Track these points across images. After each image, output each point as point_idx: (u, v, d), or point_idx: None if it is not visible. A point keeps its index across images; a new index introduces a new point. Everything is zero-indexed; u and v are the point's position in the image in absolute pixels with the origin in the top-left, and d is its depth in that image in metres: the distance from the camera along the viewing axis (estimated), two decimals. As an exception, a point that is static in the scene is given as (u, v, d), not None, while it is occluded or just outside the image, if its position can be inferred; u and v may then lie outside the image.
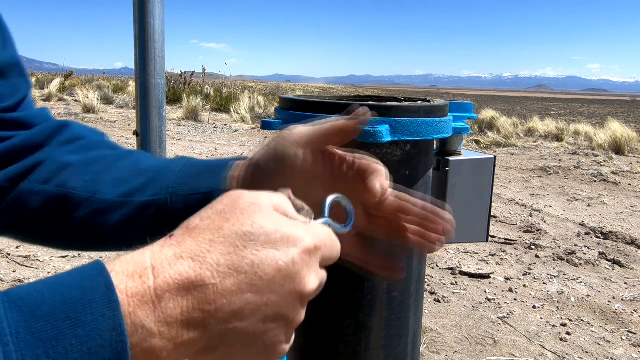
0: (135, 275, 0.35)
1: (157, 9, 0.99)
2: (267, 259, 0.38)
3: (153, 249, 0.38)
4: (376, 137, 0.69)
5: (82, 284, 0.34)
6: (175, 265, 0.36)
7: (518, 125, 10.82)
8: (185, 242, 0.38)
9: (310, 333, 0.84)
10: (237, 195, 0.41)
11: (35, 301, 0.33)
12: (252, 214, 0.39)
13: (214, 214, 0.40)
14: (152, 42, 1.00)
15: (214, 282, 0.36)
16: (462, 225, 0.97)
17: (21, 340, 0.31)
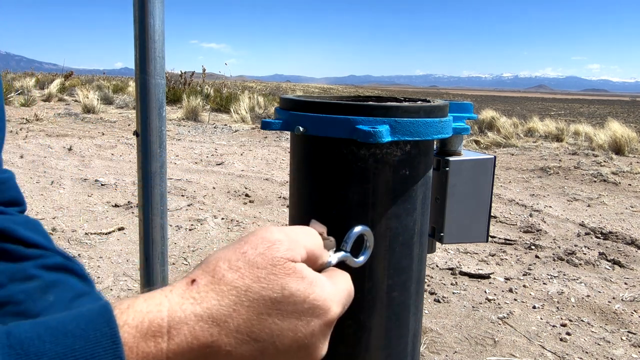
0: (148, 335, 0.33)
1: (157, 9, 0.99)
2: (288, 330, 0.36)
3: (171, 301, 0.35)
4: (376, 137, 0.69)
5: (86, 334, 0.32)
6: (194, 328, 0.34)
7: (518, 125, 10.82)
8: (208, 299, 0.35)
9: (310, 333, 0.84)
10: (273, 241, 0.39)
11: (37, 350, 0.31)
12: (284, 277, 0.37)
13: (245, 264, 0.37)
14: (152, 42, 1.00)
15: (229, 350, 0.35)
16: (462, 225, 0.97)
17: None
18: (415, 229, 0.81)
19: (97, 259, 2.95)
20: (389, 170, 0.76)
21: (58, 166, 5.42)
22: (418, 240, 0.82)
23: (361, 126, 0.71)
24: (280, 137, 8.25)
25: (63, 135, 7.61)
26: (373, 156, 0.75)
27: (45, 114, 9.73)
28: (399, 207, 0.77)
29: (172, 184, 4.77)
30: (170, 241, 3.26)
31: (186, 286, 0.36)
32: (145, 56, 1.01)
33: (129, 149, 6.71)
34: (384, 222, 0.77)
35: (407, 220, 0.79)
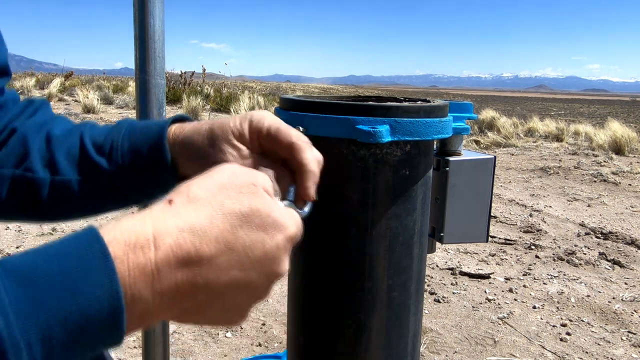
0: (137, 246, 0.36)
1: (157, 9, 0.99)
2: (257, 241, 0.41)
3: (153, 216, 0.39)
4: (376, 137, 0.69)
5: (78, 251, 0.35)
6: (177, 238, 0.38)
7: (518, 125, 10.82)
8: (186, 213, 0.39)
9: (310, 333, 0.84)
10: (236, 171, 0.44)
11: (33, 270, 0.33)
12: (250, 195, 0.42)
13: (216, 186, 0.42)
14: (152, 42, 1.00)
15: (209, 258, 0.39)
16: (462, 225, 0.97)
17: (20, 309, 0.31)
18: (415, 229, 0.81)
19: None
20: (389, 170, 0.76)
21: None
22: (418, 240, 0.82)
23: (361, 126, 0.71)
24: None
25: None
26: (373, 156, 0.75)
27: (45, 114, 9.71)
28: (399, 207, 0.77)
29: (172, 184, 4.77)
30: (170, 241, 3.26)
31: (164, 205, 0.40)
32: (145, 56, 1.01)
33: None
34: (384, 222, 0.77)
35: (407, 220, 0.79)
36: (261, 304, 2.47)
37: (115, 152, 0.63)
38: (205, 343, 2.12)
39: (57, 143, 0.65)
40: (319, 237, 0.80)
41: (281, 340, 2.15)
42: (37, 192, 0.64)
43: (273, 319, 2.32)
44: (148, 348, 1.14)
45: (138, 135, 0.63)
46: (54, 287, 0.33)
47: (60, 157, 0.64)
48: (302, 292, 0.85)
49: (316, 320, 0.83)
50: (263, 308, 2.43)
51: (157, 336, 1.14)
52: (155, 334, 1.14)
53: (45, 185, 0.64)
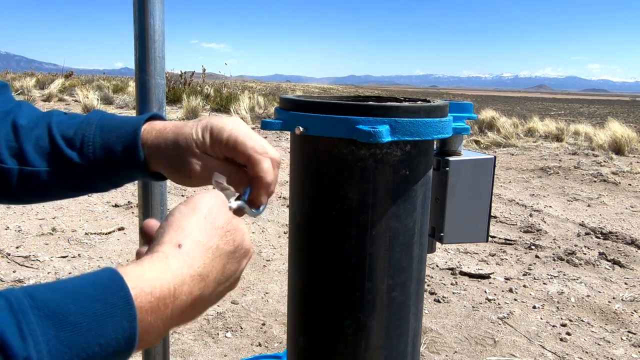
0: (160, 299, 0.43)
1: (157, 9, 0.99)
2: (235, 270, 0.53)
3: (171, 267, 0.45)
4: (376, 137, 0.69)
5: (104, 297, 0.39)
6: (191, 287, 0.46)
7: (518, 125, 10.82)
8: (196, 261, 0.47)
9: (310, 333, 0.84)
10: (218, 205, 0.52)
11: (63, 312, 0.37)
12: (234, 232, 0.52)
13: (209, 227, 0.50)
14: (152, 42, 1.00)
15: (207, 296, 0.49)
16: (462, 225, 0.97)
17: (52, 347, 0.36)
18: (415, 229, 0.81)
19: (97, 259, 2.95)
20: (389, 170, 0.76)
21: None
22: (418, 240, 0.82)
23: (361, 126, 0.71)
24: (280, 137, 8.24)
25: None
26: (373, 156, 0.75)
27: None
28: (399, 207, 0.77)
29: (172, 183, 4.77)
30: (170, 241, 3.26)
31: (175, 250, 0.46)
32: (145, 56, 1.01)
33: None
34: (384, 222, 0.77)
35: (407, 220, 0.79)
36: (261, 304, 2.47)
37: (86, 147, 0.64)
38: (205, 343, 2.12)
39: (24, 133, 0.66)
40: (319, 237, 0.80)
41: (281, 340, 2.15)
42: (6, 181, 0.65)
43: (273, 319, 2.32)
44: (148, 348, 1.14)
45: (112, 134, 0.65)
46: (82, 330, 0.37)
47: (29, 148, 0.65)
48: (302, 292, 0.85)
49: (316, 320, 0.83)
50: (263, 308, 2.43)
51: (157, 336, 1.14)
52: (155, 334, 1.14)
53: (14, 175, 0.65)
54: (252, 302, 2.49)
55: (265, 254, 3.12)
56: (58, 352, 0.36)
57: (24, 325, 0.35)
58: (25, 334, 0.35)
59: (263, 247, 3.23)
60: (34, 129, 0.66)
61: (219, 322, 2.29)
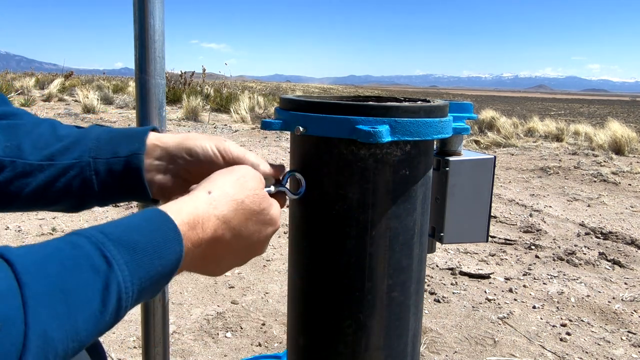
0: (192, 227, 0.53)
1: (157, 9, 0.99)
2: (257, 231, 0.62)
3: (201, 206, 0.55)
4: (376, 137, 0.69)
5: (159, 228, 0.50)
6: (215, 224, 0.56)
7: (518, 125, 10.82)
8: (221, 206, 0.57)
9: (310, 333, 0.84)
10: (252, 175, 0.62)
11: (133, 241, 0.47)
12: (262, 197, 0.62)
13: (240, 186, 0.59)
14: (152, 42, 1.00)
15: (228, 240, 0.58)
16: (462, 225, 0.97)
17: (130, 267, 0.46)
18: (415, 229, 0.81)
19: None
20: (389, 170, 0.76)
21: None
22: (418, 240, 0.82)
23: (361, 126, 0.71)
24: (280, 137, 8.24)
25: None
26: (373, 156, 0.75)
27: (45, 114, 9.73)
28: (399, 207, 0.77)
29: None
30: (170, 241, 3.26)
31: (206, 194, 0.57)
32: (145, 56, 1.01)
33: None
34: (384, 222, 0.77)
35: (407, 220, 0.79)
36: (261, 304, 2.47)
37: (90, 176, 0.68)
38: (205, 343, 2.12)
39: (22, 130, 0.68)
40: (319, 237, 0.80)
41: (281, 340, 2.15)
42: None
43: (273, 319, 2.33)
44: (148, 348, 1.14)
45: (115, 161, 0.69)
46: (148, 254, 0.47)
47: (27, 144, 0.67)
48: (302, 292, 0.85)
49: (316, 320, 0.83)
50: (263, 308, 2.43)
51: (157, 336, 1.14)
52: (155, 334, 1.13)
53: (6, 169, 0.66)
54: (252, 302, 2.49)
55: (265, 254, 3.12)
56: (134, 270, 0.46)
57: (107, 253, 0.44)
58: (110, 259, 0.44)
59: (263, 247, 3.23)
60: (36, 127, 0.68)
61: (219, 322, 2.29)
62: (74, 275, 0.41)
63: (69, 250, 0.43)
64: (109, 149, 0.68)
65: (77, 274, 0.41)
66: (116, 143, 0.68)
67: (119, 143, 0.68)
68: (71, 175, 0.66)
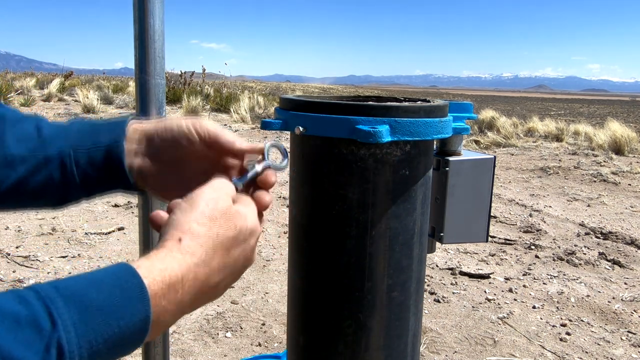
0: (171, 286, 0.48)
1: (157, 9, 0.99)
2: (241, 252, 0.56)
3: (176, 257, 0.50)
4: (376, 137, 0.69)
5: (121, 284, 0.45)
6: (196, 273, 0.51)
7: (518, 125, 10.82)
8: (198, 251, 0.52)
9: (310, 333, 0.84)
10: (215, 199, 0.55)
11: (86, 298, 0.43)
12: (234, 218, 0.55)
13: (207, 220, 0.53)
14: (152, 42, 1.00)
15: (216, 281, 0.54)
16: (462, 225, 0.97)
17: (78, 329, 0.41)
18: (415, 229, 0.81)
19: (97, 259, 2.95)
20: (389, 170, 0.76)
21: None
22: (418, 240, 0.82)
23: (361, 126, 0.71)
24: (280, 137, 8.25)
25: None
26: (373, 156, 0.75)
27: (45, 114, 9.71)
28: (399, 207, 0.77)
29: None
30: (170, 241, 3.26)
31: (177, 245, 0.51)
32: (145, 56, 1.01)
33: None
34: (384, 222, 0.77)
35: (407, 220, 0.79)
36: (261, 304, 2.47)
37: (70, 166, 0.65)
38: (205, 343, 2.12)
39: None
40: (319, 237, 0.80)
41: (281, 340, 2.15)
42: None
43: (273, 319, 2.32)
44: (148, 348, 1.14)
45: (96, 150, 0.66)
46: (104, 313, 0.43)
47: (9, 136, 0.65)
48: (302, 292, 0.85)
49: (316, 320, 0.83)
50: (263, 308, 2.43)
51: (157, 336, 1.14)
52: (155, 334, 1.13)
53: None
54: (252, 302, 2.49)
55: (265, 254, 3.12)
56: (84, 332, 0.41)
57: (54, 311, 0.40)
58: (55, 318, 0.40)
59: (263, 247, 3.23)
60: None
61: (218, 322, 2.29)
62: (15, 334, 0.38)
63: (15, 306, 0.40)
64: (89, 139, 0.66)
65: (18, 333, 0.38)
66: (97, 133, 0.67)
67: (99, 132, 0.67)
68: (52, 167, 0.65)
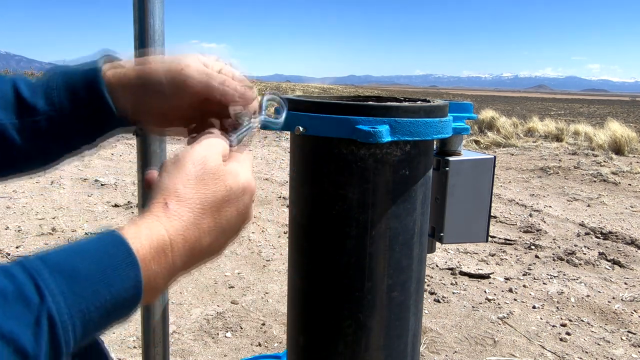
0: (159, 249, 0.47)
1: (157, 9, 0.99)
2: (233, 211, 0.54)
3: (162, 221, 0.49)
4: (376, 137, 0.69)
5: (108, 251, 0.44)
6: (185, 235, 0.50)
7: (518, 125, 10.82)
8: (184, 214, 0.50)
9: (310, 333, 0.84)
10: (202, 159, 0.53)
11: (73, 267, 0.42)
12: (222, 178, 0.53)
13: (194, 181, 0.52)
14: (152, 42, 1.00)
15: (209, 241, 0.52)
16: (462, 225, 0.97)
17: (67, 298, 0.40)
18: (415, 229, 0.81)
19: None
20: (389, 170, 0.76)
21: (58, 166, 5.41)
22: (418, 240, 0.82)
23: (361, 126, 0.71)
24: (280, 137, 8.25)
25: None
26: (373, 156, 0.75)
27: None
28: (399, 207, 0.77)
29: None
30: (170, 241, 3.25)
31: (164, 209, 0.50)
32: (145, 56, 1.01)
33: (128, 148, 6.71)
34: (384, 222, 0.77)
35: (407, 220, 0.79)
36: (261, 304, 2.47)
37: (50, 91, 0.63)
38: (205, 343, 2.12)
39: None
40: (319, 237, 0.80)
41: (281, 340, 2.15)
42: None
43: (273, 319, 2.32)
44: (148, 348, 1.14)
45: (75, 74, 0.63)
46: (93, 281, 0.42)
47: None
48: (302, 292, 0.85)
49: (316, 320, 0.83)
50: (263, 308, 2.43)
51: (157, 336, 1.14)
52: (155, 334, 1.14)
53: None
54: (252, 302, 2.49)
55: (265, 254, 3.12)
56: (74, 302, 0.40)
57: (40, 282, 0.39)
58: (43, 289, 0.39)
59: (263, 247, 3.23)
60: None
61: (218, 322, 2.29)
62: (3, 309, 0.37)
63: (1, 281, 0.39)
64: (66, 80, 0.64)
65: (6, 308, 0.37)
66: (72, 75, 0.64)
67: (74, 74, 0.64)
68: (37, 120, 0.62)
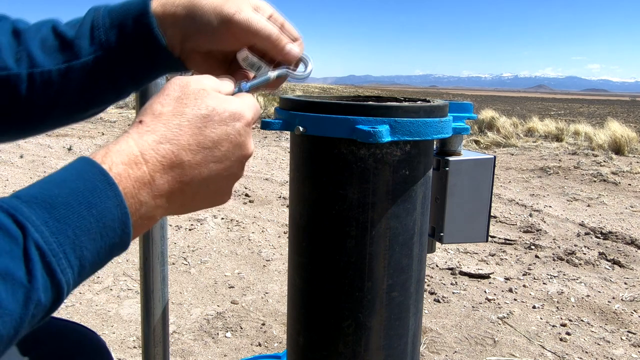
0: (131, 163, 0.45)
1: None
2: (222, 134, 0.50)
3: (133, 137, 0.46)
4: (376, 137, 0.69)
5: (81, 175, 0.42)
6: (159, 150, 0.46)
7: (518, 125, 10.82)
8: (158, 128, 0.47)
9: (310, 333, 0.84)
10: (185, 82, 0.51)
11: (50, 196, 0.40)
12: (204, 98, 0.50)
13: (172, 100, 0.49)
14: None
15: (188, 159, 0.48)
16: (462, 225, 0.97)
17: (51, 227, 0.38)
18: (415, 229, 0.81)
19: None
20: (388, 170, 0.76)
21: (58, 166, 5.42)
22: (418, 240, 0.82)
23: (361, 126, 0.71)
24: (280, 137, 8.25)
25: (63, 135, 7.61)
26: (373, 156, 0.75)
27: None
28: (398, 207, 0.77)
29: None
30: (170, 241, 3.26)
31: (137, 126, 0.47)
32: (145, 56, 1.01)
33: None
34: (384, 222, 0.77)
35: (407, 220, 0.79)
36: (261, 304, 2.47)
37: (96, 31, 0.60)
38: (205, 343, 2.12)
39: (27, 36, 0.61)
40: (319, 237, 0.80)
41: (281, 340, 2.15)
42: (15, 92, 0.60)
43: (273, 319, 2.33)
44: (148, 348, 1.14)
45: (121, 11, 0.61)
46: (73, 206, 0.40)
47: (35, 49, 0.60)
48: (301, 292, 0.85)
49: (316, 320, 0.83)
50: (263, 308, 2.43)
51: (157, 336, 1.14)
52: (155, 334, 1.14)
53: (23, 81, 0.60)
54: (252, 302, 2.49)
55: (265, 254, 3.12)
56: (58, 229, 0.39)
57: (19, 217, 0.38)
58: (23, 222, 0.37)
59: (263, 247, 3.23)
60: (38, 31, 0.61)
61: (218, 322, 2.29)
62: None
63: None
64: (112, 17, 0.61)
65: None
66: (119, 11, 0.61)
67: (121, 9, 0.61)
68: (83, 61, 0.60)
